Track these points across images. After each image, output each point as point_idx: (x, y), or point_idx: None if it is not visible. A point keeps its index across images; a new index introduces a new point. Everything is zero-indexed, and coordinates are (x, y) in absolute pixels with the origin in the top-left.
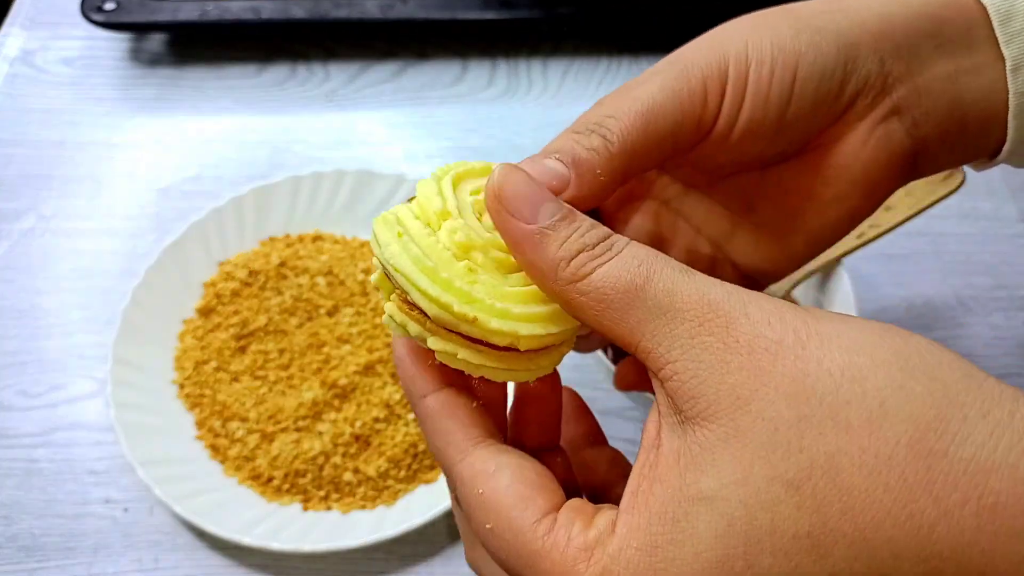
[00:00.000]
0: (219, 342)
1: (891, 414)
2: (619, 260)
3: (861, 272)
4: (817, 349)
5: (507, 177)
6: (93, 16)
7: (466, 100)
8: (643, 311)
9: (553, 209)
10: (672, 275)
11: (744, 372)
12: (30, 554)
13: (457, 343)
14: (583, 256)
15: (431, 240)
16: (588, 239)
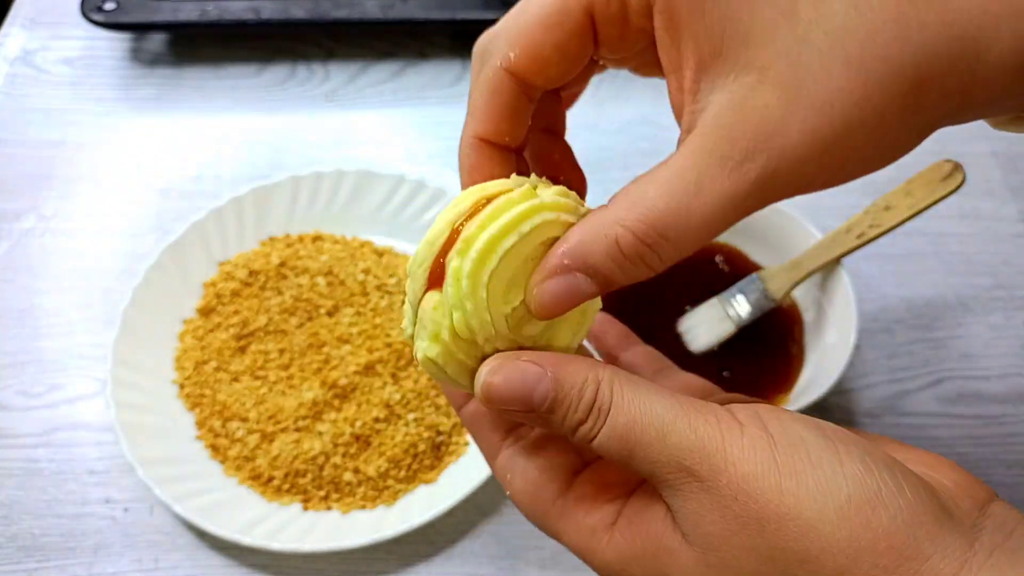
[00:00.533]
0: (219, 342)
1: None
2: (605, 432)
3: (861, 272)
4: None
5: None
6: (93, 16)
7: (466, 100)
8: (635, 469)
9: (542, 396)
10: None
11: (715, 528)
12: (30, 554)
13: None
14: (581, 430)
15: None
16: (580, 413)
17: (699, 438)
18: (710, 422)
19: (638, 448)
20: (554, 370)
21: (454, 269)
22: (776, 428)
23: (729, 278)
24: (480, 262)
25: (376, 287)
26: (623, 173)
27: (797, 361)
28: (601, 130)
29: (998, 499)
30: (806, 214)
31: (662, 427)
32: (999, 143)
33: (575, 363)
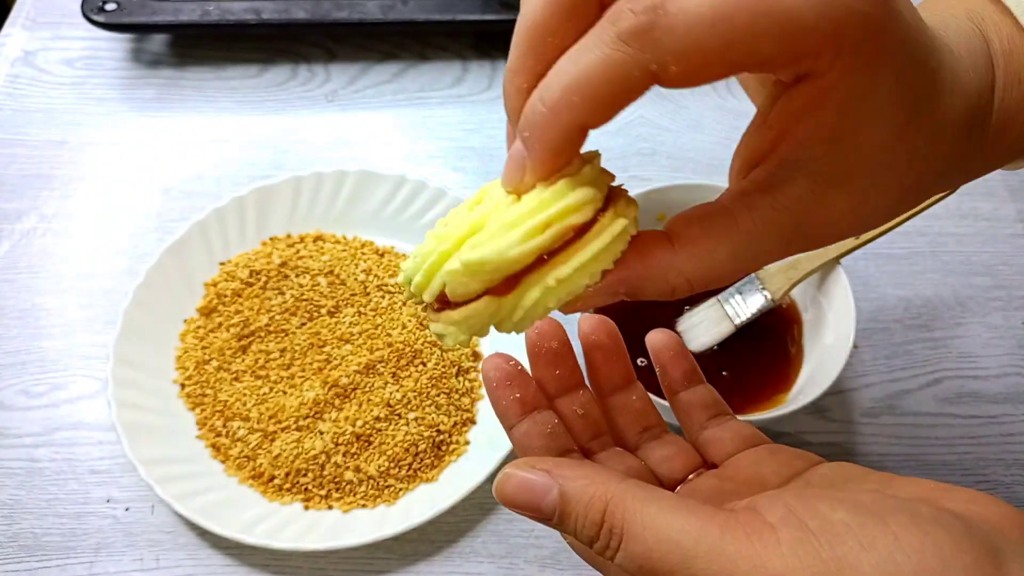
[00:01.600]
0: (220, 342)
1: None
2: (624, 557)
3: (860, 272)
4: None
5: (502, 494)
6: (94, 17)
7: (466, 101)
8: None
9: (550, 509)
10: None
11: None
12: (31, 553)
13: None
14: (597, 546)
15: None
16: (590, 531)
17: (729, 560)
18: (739, 537)
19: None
20: (563, 483)
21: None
22: (814, 522)
23: None
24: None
25: (377, 287)
26: (623, 173)
27: (796, 361)
28: (600, 130)
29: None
30: None
31: (683, 554)
32: None
33: (585, 477)
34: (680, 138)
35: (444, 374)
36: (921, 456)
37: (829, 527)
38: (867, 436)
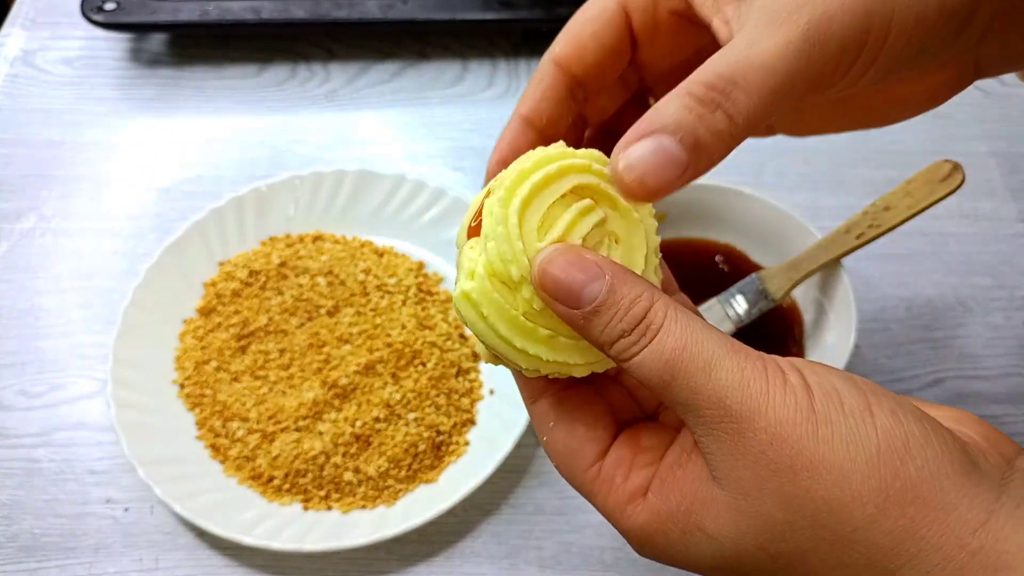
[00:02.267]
0: (220, 342)
1: (857, 543)
2: (649, 352)
3: (861, 272)
4: (807, 480)
5: (548, 269)
6: (93, 16)
7: (466, 100)
8: (671, 398)
9: (593, 293)
10: (695, 375)
11: (748, 472)
12: (31, 554)
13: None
14: (622, 343)
15: (511, 315)
16: (626, 324)
17: (744, 379)
18: (757, 366)
19: (681, 376)
20: (612, 275)
21: (487, 203)
22: (813, 379)
23: (729, 278)
24: (511, 190)
25: (376, 287)
26: None
27: None
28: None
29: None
30: (806, 214)
31: (710, 360)
32: (999, 143)
33: (634, 277)
34: None
35: (444, 375)
36: None
37: (823, 387)
38: None
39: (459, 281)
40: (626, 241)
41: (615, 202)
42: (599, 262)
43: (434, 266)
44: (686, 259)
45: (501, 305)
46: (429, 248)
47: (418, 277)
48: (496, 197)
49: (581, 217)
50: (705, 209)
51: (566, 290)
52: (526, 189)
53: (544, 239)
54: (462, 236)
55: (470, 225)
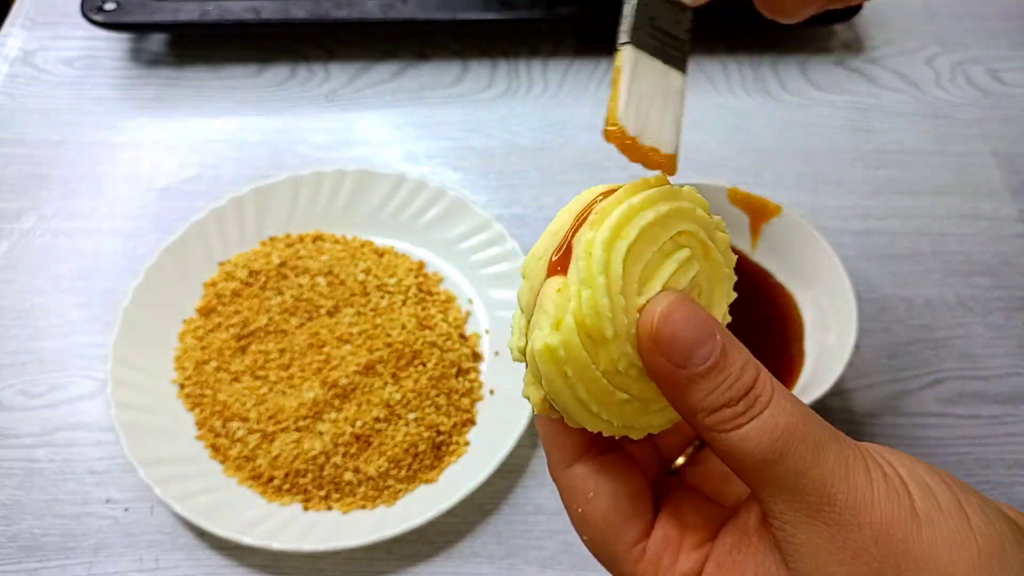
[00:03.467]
0: (220, 342)
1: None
2: (758, 425)
3: (861, 272)
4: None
5: (667, 319)
6: (93, 16)
7: (466, 100)
8: (769, 477)
9: (706, 354)
10: (804, 456)
11: (843, 568)
12: (31, 554)
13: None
14: (725, 412)
15: (594, 375)
16: (734, 392)
17: (849, 468)
18: (859, 456)
19: (791, 455)
20: (723, 336)
21: (586, 241)
22: (904, 472)
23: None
24: (616, 231)
25: (376, 287)
26: (623, 173)
27: (797, 361)
28: (601, 130)
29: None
30: (806, 214)
31: (819, 442)
32: (999, 143)
33: (740, 343)
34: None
35: (444, 375)
36: (923, 457)
37: (917, 482)
38: (868, 437)
39: (539, 328)
40: (708, 294)
41: (708, 252)
42: (712, 321)
43: (434, 266)
44: None
45: (586, 364)
46: (429, 248)
47: (418, 277)
48: (599, 238)
49: (680, 270)
50: None
51: (681, 346)
52: (634, 232)
53: (643, 293)
54: (535, 266)
55: (551, 258)
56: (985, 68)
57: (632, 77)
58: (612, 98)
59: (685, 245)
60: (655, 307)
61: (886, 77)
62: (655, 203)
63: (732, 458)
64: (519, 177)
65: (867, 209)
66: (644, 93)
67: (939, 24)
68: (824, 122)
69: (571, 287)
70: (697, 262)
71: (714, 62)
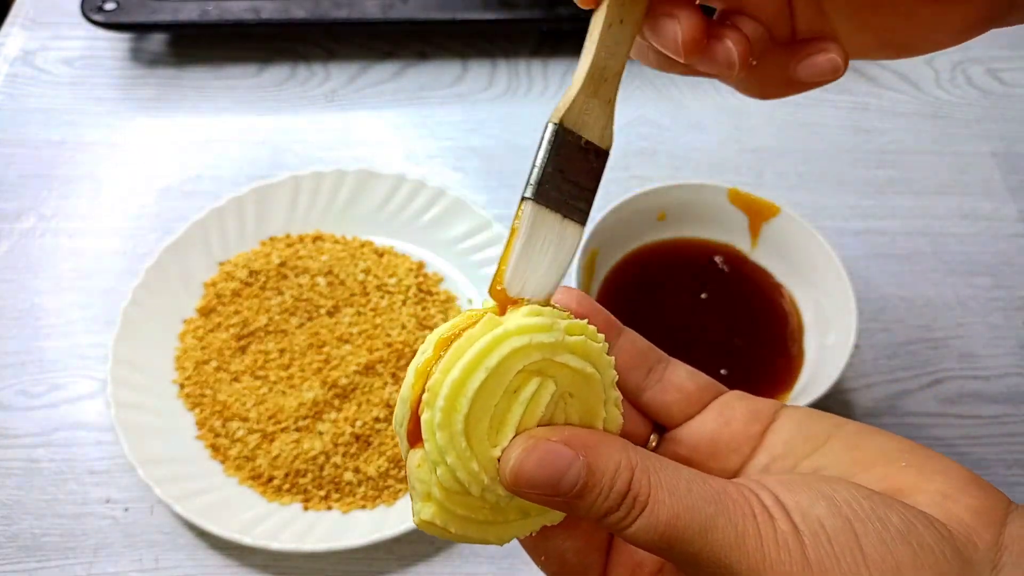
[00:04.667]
0: (219, 342)
1: None
2: (642, 524)
3: (861, 272)
4: None
5: (520, 470)
6: (93, 16)
7: (466, 100)
8: (673, 559)
9: (571, 481)
10: (692, 541)
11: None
12: (30, 554)
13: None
14: (612, 518)
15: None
16: (611, 502)
17: (739, 535)
18: (747, 516)
19: (678, 544)
20: (586, 453)
21: (425, 422)
22: (798, 517)
23: (729, 278)
24: (449, 410)
25: (376, 287)
26: (623, 173)
27: (797, 361)
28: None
29: (1014, 509)
30: (806, 214)
31: (704, 523)
32: (999, 143)
33: (608, 446)
34: (681, 137)
35: None
36: None
37: (810, 526)
38: None
39: (414, 502)
40: (580, 395)
41: (563, 366)
42: (569, 441)
43: (434, 266)
44: (686, 259)
45: (466, 518)
46: (429, 248)
47: (418, 277)
48: (436, 419)
49: (532, 403)
50: (705, 209)
51: (544, 486)
52: (467, 402)
53: (499, 441)
54: (400, 433)
55: (408, 428)
56: (985, 68)
57: (527, 239)
58: (502, 259)
59: (534, 373)
60: (507, 461)
61: (886, 77)
62: (482, 362)
63: (636, 546)
64: (519, 177)
65: (867, 209)
66: (536, 251)
67: None
68: (824, 122)
69: (428, 463)
70: (553, 382)
71: None
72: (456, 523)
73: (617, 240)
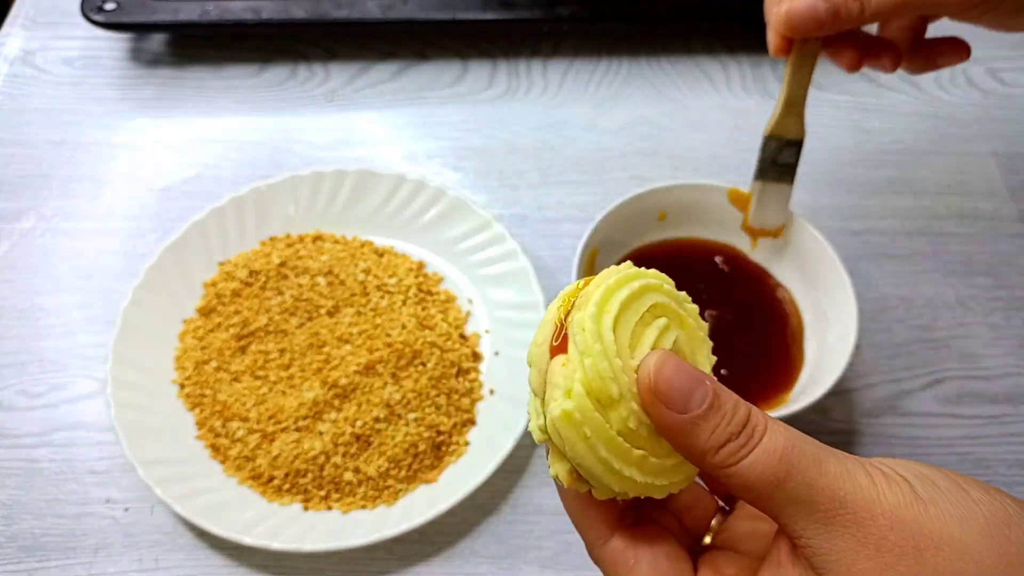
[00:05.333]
0: (220, 342)
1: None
2: (761, 451)
3: (861, 272)
4: (932, 557)
5: (661, 371)
6: (93, 16)
7: (466, 100)
8: (783, 497)
9: (701, 398)
10: (808, 470)
11: (871, 563)
12: (31, 554)
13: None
14: (731, 446)
15: (610, 435)
16: (733, 427)
17: (850, 471)
18: (853, 461)
19: (797, 471)
20: (711, 381)
21: (578, 319)
22: (900, 468)
23: (729, 278)
24: (601, 307)
25: (376, 287)
26: (623, 173)
27: (797, 361)
28: (601, 130)
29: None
30: (806, 214)
31: (817, 455)
32: (999, 144)
33: (727, 389)
34: (681, 137)
35: (444, 375)
36: (922, 457)
37: (912, 472)
38: (868, 437)
39: (553, 400)
40: (691, 356)
41: (683, 321)
42: (700, 370)
43: (434, 266)
44: (686, 259)
45: (601, 424)
46: (429, 248)
47: (418, 277)
48: (587, 314)
49: (662, 335)
50: (705, 209)
51: (678, 393)
52: (615, 306)
53: (635, 356)
54: (538, 352)
55: (552, 344)
56: (985, 68)
57: (758, 200)
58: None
59: (661, 315)
60: (648, 363)
61: (886, 77)
62: (628, 282)
63: (745, 488)
64: (519, 177)
65: (867, 209)
66: (764, 203)
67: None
68: (824, 122)
69: (574, 360)
70: (675, 329)
71: (714, 62)
72: (592, 426)
73: (617, 240)
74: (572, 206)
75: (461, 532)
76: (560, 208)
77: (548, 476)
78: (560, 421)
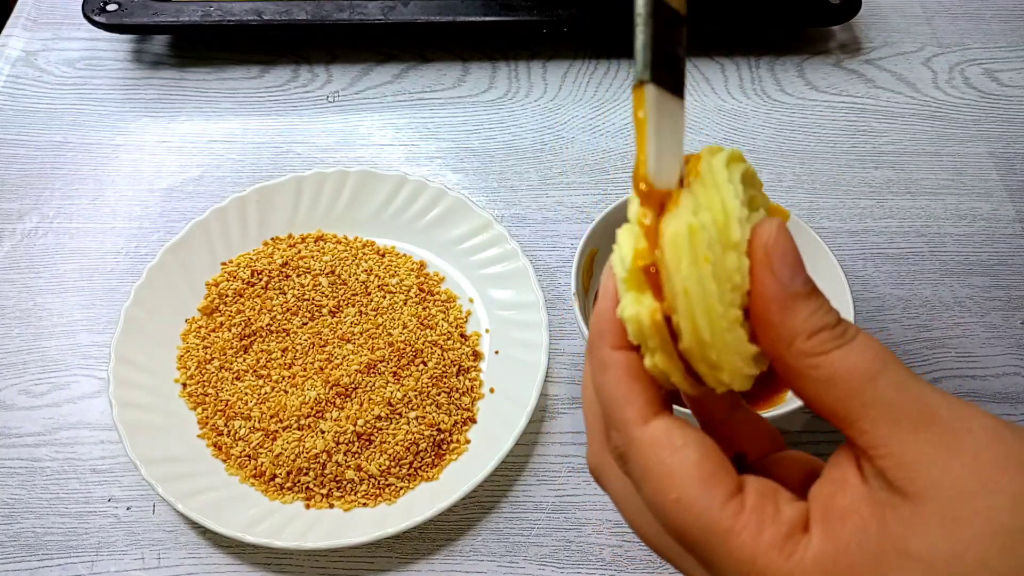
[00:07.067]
0: (222, 341)
1: None
2: (855, 346)
3: (858, 272)
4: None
5: (781, 235)
6: (95, 17)
7: (467, 102)
8: (871, 395)
9: (807, 278)
10: (901, 371)
11: (966, 472)
12: (33, 552)
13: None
14: (825, 334)
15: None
16: (831, 318)
17: (940, 392)
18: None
19: (891, 368)
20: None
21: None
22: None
23: None
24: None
25: (378, 287)
26: (623, 174)
27: None
28: (601, 131)
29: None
30: (804, 214)
31: (908, 369)
32: (997, 144)
33: None
34: None
35: (445, 373)
36: None
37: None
38: None
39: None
40: None
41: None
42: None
43: (435, 266)
44: None
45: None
46: (430, 248)
47: (419, 277)
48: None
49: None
50: None
51: (791, 261)
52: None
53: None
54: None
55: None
56: (983, 69)
57: (656, 126)
58: (640, 150)
59: (759, 207)
60: (770, 226)
61: (884, 78)
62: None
63: (831, 382)
64: (519, 178)
65: (864, 209)
66: (663, 138)
67: (937, 25)
68: (822, 123)
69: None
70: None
71: (712, 64)
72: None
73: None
74: (571, 207)
75: (462, 529)
76: (560, 209)
77: (548, 474)
78: (685, 234)
